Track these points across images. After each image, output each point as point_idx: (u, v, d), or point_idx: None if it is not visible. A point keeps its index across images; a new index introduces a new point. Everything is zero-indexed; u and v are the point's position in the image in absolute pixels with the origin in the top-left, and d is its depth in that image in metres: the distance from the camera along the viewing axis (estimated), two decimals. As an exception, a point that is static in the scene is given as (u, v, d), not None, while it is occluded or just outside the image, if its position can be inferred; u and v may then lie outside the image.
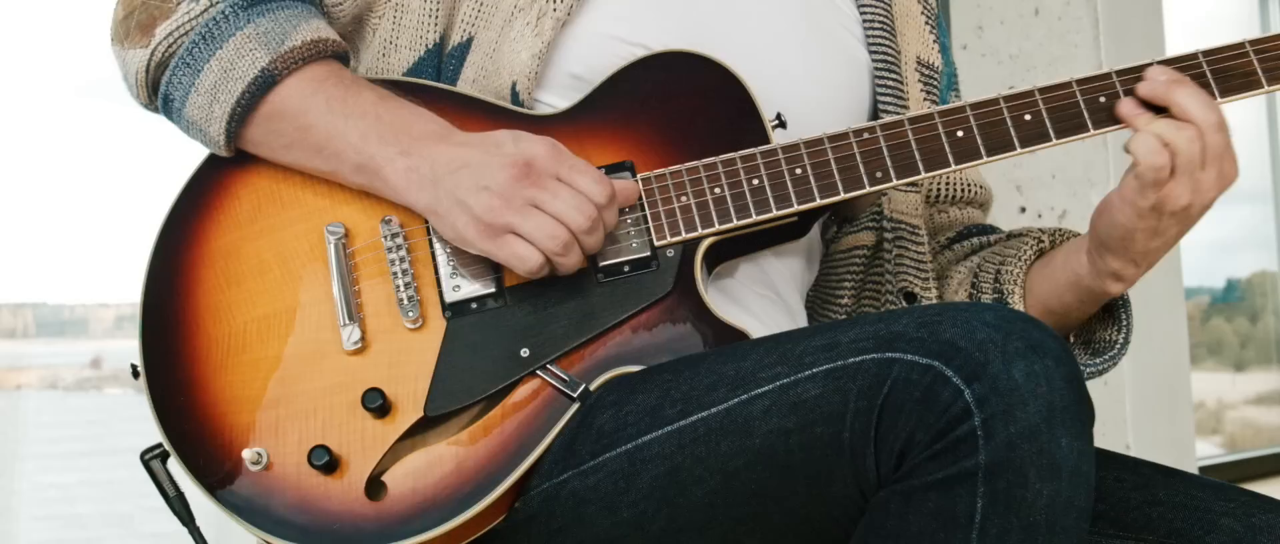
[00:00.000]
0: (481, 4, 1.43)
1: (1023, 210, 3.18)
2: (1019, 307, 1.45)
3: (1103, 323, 1.48)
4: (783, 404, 1.16)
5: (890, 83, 1.53)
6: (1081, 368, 1.43)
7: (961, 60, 3.19)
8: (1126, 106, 1.34)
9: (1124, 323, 1.46)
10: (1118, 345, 1.46)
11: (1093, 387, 3.00)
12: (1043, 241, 1.49)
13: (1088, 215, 1.41)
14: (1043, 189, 3.21)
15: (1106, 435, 3.25)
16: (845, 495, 1.15)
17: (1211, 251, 5.23)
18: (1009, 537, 1.08)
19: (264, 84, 1.34)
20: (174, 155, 1.53)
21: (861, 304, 1.56)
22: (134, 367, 1.34)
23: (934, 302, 1.51)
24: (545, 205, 1.27)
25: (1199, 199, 1.32)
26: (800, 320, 1.53)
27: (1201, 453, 4.86)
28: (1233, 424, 5.22)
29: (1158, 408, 3.35)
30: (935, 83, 1.59)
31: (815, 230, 1.56)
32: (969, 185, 1.61)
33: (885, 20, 1.56)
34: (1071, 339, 1.50)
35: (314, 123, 1.33)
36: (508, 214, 1.26)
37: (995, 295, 1.47)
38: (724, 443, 1.19)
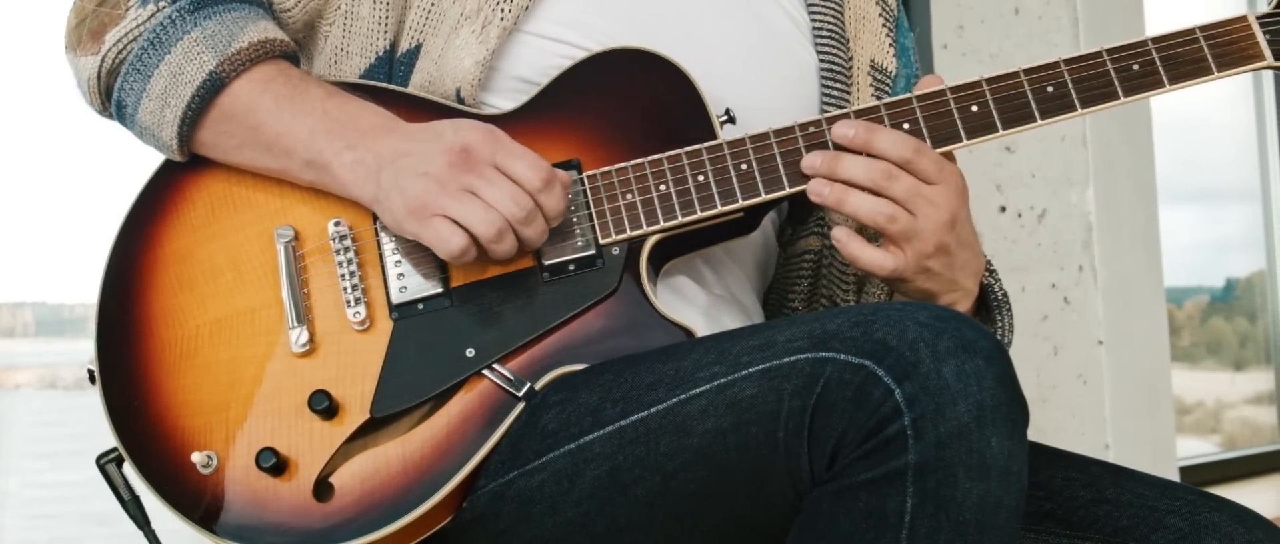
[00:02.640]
0: (429, 12, 1.43)
1: (1002, 210, 3.17)
2: None
3: (986, 321, 1.47)
4: (719, 404, 1.17)
5: (836, 88, 1.53)
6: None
7: (942, 59, 3.18)
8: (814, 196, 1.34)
9: (1000, 323, 1.45)
10: (1000, 332, 1.45)
11: (1074, 385, 2.99)
12: None
13: (1068, 215, 1.40)
14: (1022, 188, 3.20)
15: (1086, 435, 3.24)
16: (781, 495, 1.15)
17: (1211, 251, 5.20)
18: (938, 536, 1.07)
19: (213, 87, 1.35)
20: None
21: (813, 308, 1.56)
22: (90, 371, 1.35)
23: None
24: (480, 192, 1.27)
25: (936, 227, 1.33)
26: (756, 320, 1.53)
27: (1199, 451, 4.85)
28: (1232, 424, 5.20)
29: (1137, 407, 3.33)
30: (887, 87, 1.59)
31: (770, 231, 1.56)
32: None
33: (835, 24, 1.55)
34: None
35: (263, 122, 1.34)
36: (442, 198, 1.27)
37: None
38: (663, 443, 1.19)
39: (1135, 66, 1.36)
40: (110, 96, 1.40)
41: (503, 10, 1.41)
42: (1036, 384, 3.30)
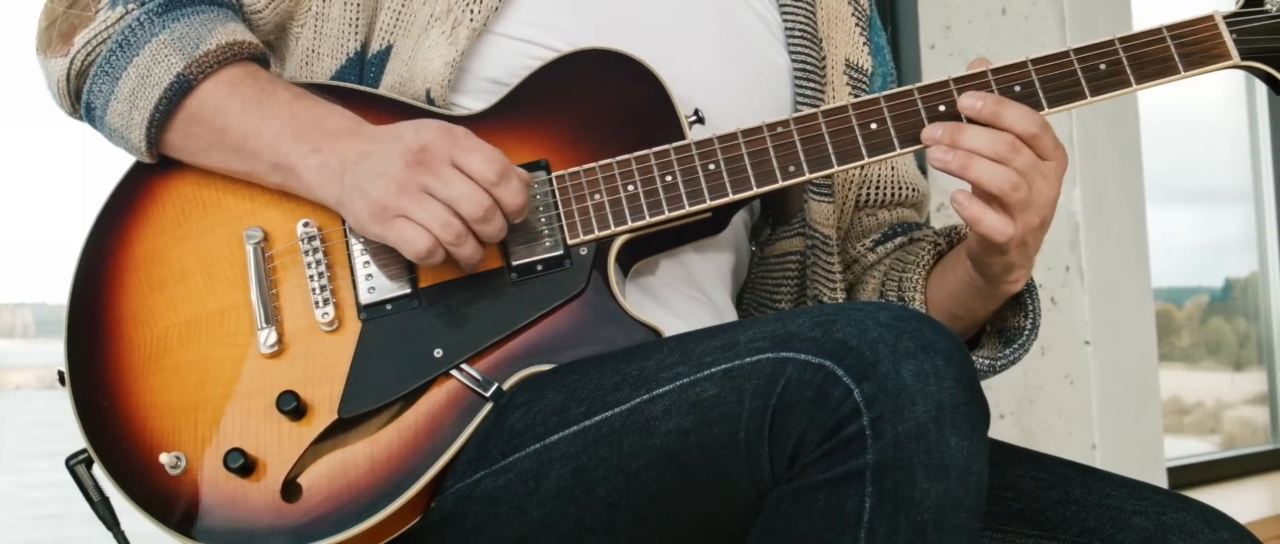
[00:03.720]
0: (400, 13, 1.44)
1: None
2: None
3: (1012, 310, 1.48)
4: (682, 404, 1.17)
5: (810, 88, 1.53)
6: (998, 359, 1.43)
7: (930, 60, 3.18)
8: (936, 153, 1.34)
9: (1030, 309, 1.47)
10: (1026, 332, 1.46)
11: (1061, 385, 3.00)
12: (939, 244, 1.50)
13: (1055, 215, 1.41)
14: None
15: (1073, 435, 3.24)
16: (742, 495, 1.16)
17: (1212, 251, 5.20)
18: (897, 536, 1.08)
19: (180, 89, 1.35)
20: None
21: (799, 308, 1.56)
22: (61, 373, 1.36)
23: None
24: (437, 192, 1.27)
25: (1046, 203, 1.34)
26: (728, 319, 1.53)
27: (1197, 451, 4.85)
28: (1231, 424, 5.20)
29: (1124, 408, 3.33)
30: (864, 85, 1.59)
31: (742, 230, 1.57)
32: (902, 187, 1.60)
33: (807, 26, 1.56)
34: (987, 328, 1.50)
35: (230, 124, 1.34)
36: (402, 199, 1.27)
37: (899, 303, 1.48)
38: (626, 443, 1.20)
39: (1102, 66, 1.36)
40: (80, 98, 1.41)
41: (472, 11, 1.41)
42: (1023, 384, 3.31)
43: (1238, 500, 4.18)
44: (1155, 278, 3.46)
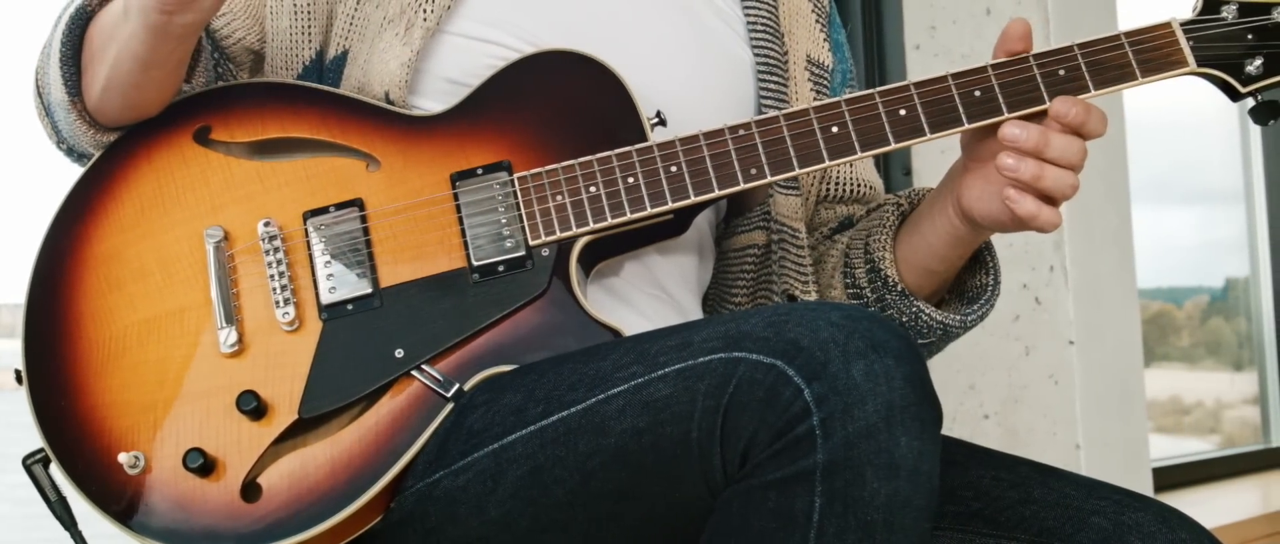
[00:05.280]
0: (353, 17, 1.45)
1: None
2: (891, 272, 1.45)
3: (970, 270, 1.49)
4: (636, 404, 1.17)
5: (773, 83, 1.53)
6: (969, 315, 1.44)
7: (914, 60, 3.18)
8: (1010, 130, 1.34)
9: (990, 265, 1.47)
10: (990, 288, 1.47)
11: (1045, 385, 3.00)
12: (903, 205, 1.49)
13: None
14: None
15: (1057, 435, 3.24)
16: (695, 495, 1.16)
17: (1211, 251, 5.20)
18: (846, 535, 1.08)
19: (81, 16, 1.36)
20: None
21: (756, 303, 1.56)
22: (17, 372, 1.36)
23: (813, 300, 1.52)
24: None
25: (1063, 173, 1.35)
26: (693, 319, 1.53)
27: (1198, 450, 4.85)
28: (1231, 424, 5.20)
29: (1109, 408, 3.33)
30: (826, 81, 1.59)
31: (707, 228, 1.57)
32: (858, 184, 1.61)
33: (769, 20, 1.56)
34: (946, 294, 1.51)
35: (110, 16, 1.35)
36: None
37: (867, 266, 1.47)
38: (582, 442, 1.20)
39: (1061, 72, 1.36)
40: (42, 99, 1.42)
41: (425, 11, 1.42)
42: (1008, 385, 3.31)
43: (1227, 501, 4.18)
44: (1155, 278, 3.47)
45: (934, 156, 3.04)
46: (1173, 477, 4.16)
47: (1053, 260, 3.29)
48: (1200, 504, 3.94)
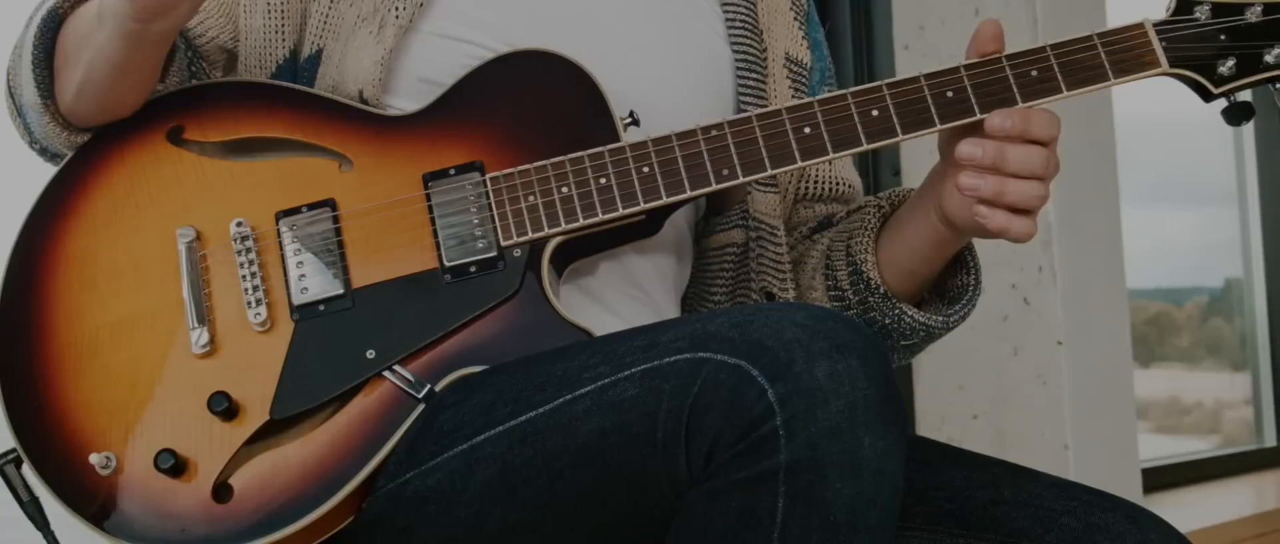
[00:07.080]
0: (328, 17, 1.45)
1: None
2: (874, 275, 1.45)
3: (951, 270, 1.48)
4: (603, 404, 1.17)
5: (752, 80, 1.53)
6: (951, 315, 1.44)
7: (903, 60, 3.18)
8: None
9: (971, 265, 1.47)
10: (971, 288, 1.46)
11: (1034, 386, 3.00)
12: (883, 208, 1.49)
13: None
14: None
15: (1046, 436, 3.24)
16: (661, 495, 1.16)
17: (1211, 251, 5.20)
18: (810, 536, 1.08)
19: (52, 18, 1.36)
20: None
21: (735, 302, 1.56)
22: None
23: (791, 299, 1.52)
24: None
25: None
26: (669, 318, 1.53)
27: (1197, 449, 4.84)
28: (1231, 424, 5.20)
29: (1097, 408, 3.33)
30: (804, 78, 1.59)
31: (685, 227, 1.57)
32: (836, 183, 1.61)
33: (748, 17, 1.56)
34: (927, 294, 1.51)
35: (83, 20, 1.35)
36: None
37: (849, 268, 1.47)
38: (549, 443, 1.20)
39: (1033, 72, 1.36)
40: (13, 100, 1.42)
41: (397, 8, 1.42)
42: (996, 385, 3.31)
43: (1219, 501, 4.18)
44: (1155, 279, 3.46)
45: (922, 157, 3.05)
46: (1164, 477, 4.15)
47: (1041, 260, 3.29)
48: (1191, 505, 3.94)
